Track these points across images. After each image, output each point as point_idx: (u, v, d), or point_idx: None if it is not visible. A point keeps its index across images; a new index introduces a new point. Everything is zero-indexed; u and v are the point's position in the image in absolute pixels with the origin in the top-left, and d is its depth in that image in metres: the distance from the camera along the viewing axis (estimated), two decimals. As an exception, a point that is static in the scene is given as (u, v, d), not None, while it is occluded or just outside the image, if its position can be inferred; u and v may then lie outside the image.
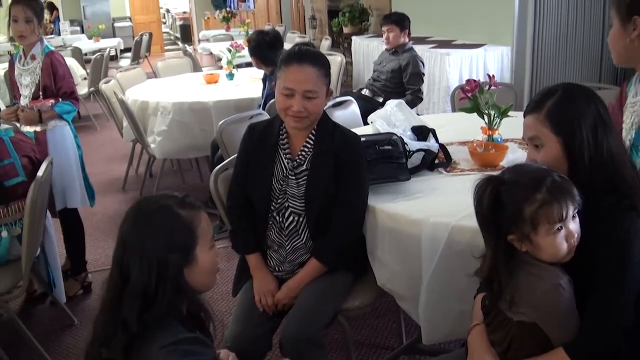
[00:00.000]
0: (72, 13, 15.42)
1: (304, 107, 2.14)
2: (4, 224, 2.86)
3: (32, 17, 3.29)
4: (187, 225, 1.44)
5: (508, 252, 1.52)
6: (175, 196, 1.49)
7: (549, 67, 5.60)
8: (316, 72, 2.16)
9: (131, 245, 1.41)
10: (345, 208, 2.20)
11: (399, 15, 5.08)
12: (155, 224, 1.42)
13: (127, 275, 1.39)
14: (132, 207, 1.48)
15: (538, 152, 1.62)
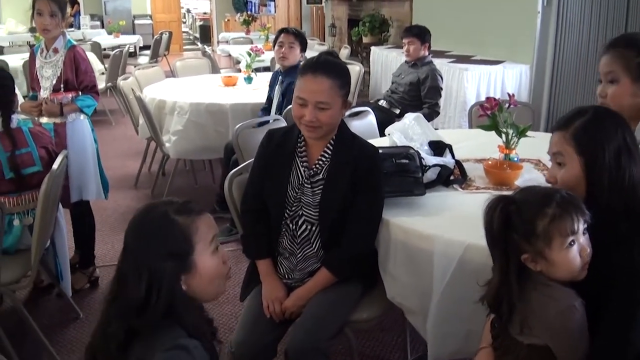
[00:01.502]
0: (93, 8, 15.52)
1: (316, 117, 2.13)
2: (16, 212, 2.88)
3: (57, 11, 3.31)
4: (183, 231, 1.42)
5: (520, 274, 1.52)
6: (174, 202, 1.47)
7: (569, 87, 5.59)
8: (330, 83, 2.14)
9: (128, 251, 1.42)
10: (359, 220, 2.19)
11: (421, 29, 5.08)
12: (150, 231, 1.41)
13: (124, 280, 1.39)
14: (136, 212, 1.47)
15: (559, 170, 1.62)
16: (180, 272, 1.40)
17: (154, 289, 1.35)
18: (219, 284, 1.51)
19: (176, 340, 1.35)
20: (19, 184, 2.88)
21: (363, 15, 10.15)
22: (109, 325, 1.37)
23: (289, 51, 4.21)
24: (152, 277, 1.36)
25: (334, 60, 2.26)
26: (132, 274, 1.37)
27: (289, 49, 4.21)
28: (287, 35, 4.25)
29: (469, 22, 6.97)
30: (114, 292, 1.40)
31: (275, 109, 4.23)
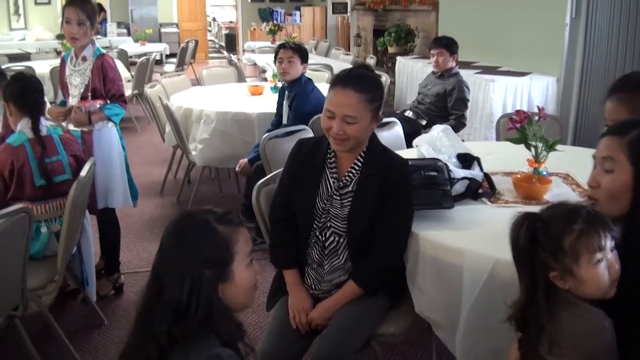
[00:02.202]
0: (120, 16, 15.69)
1: (343, 130, 2.12)
2: (44, 220, 2.90)
3: (85, 20, 3.32)
4: (224, 241, 1.43)
5: (548, 292, 1.50)
6: (215, 212, 1.48)
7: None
8: (358, 97, 2.12)
9: (168, 257, 1.42)
10: (388, 232, 2.18)
11: (449, 40, 5.06)
12: (192, 239, 1.42)
13: (162, 287, 1.39)
14: (174, 219, 1.48)
15: (604, 177, 1.60)
16: (218, 281, 1.41)
17: (193, 296, 1.36)
18: (250, 296, 1.52)
19: (211, 350, 1.35)
20: (47, 192, 2.91)
21: (389, 26, 10.16)
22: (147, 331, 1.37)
23: (289, 66, 4.22)
24: (193, 283, 1.37)
25: (365, 73, 2.24)
26: (172, 281, 1.38)
27: (289, 64, 4.21)
28: (285, 50, 4.26)
29: (495, 32, 6.94)
30: (151, 298, 1.40)
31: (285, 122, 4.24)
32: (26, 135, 2.89)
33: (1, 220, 2.26)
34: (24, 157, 2.83)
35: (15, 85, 3.00)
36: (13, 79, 3.06)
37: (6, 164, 2.80)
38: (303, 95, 4.15)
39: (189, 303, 1.36)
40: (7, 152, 2.84)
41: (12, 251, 2.41)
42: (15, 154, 2.82)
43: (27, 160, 2.84)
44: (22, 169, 2.82)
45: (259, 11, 16.54)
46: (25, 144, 2.86)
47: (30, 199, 2.83)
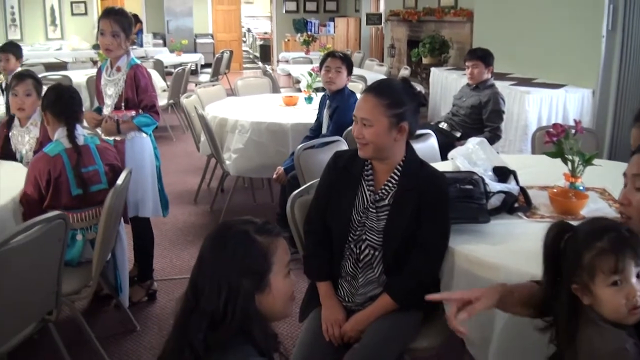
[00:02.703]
0: (156, 26, 15.92)
1: (362, 133, 2.18)
2: (80, 228, 2.94)
3: (119, 31, 3.35)
4: (263, 251, 1.44)
5: (571, 305, 1.48)
6: (254, 222, 1.49)
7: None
8: (375, 102, 2.17)
9: (206, 266, 1.43)
10: (424, 248, 2.16)
11: (484, 51, 5.02)
12: (231, 248, 1.43)
13: (200, 295, 1.40)
14: (214, 229, 1.49)
15: (635, 194, 1.58)
16: (255, 290, 1.42)
17: (230, 305, 1.37)
18: (287, 306, 1.52)
19: (247, 359, 1.37)
20: (84, 201, 2.94)
21: (423, 37, 10.13)
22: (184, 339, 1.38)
23: (336, 76, 4.22)
24: (230, 292, 1.38)
25: (393, 82, 2.30)
26: (210, 289, 1.39)
27: (337, 74, 4.21)
28: (334, 59, 4.25)
29: (530, 44, 6.88)
30: (189, 306, 1.41)
31: (324, 132, 4.24)
32: (63, 145, 2.93)
33: (38, 227, 2.29)
34: (61, 166, 2.87)
35: (51, 94, 3.06)
36: (50, 89, 3.12)
37: (43, 173, 2.84)
38: (344, 107, 4.13)
39: (225, 312, 1.37)
40: (43, 161, 2.87)
41: (48, 257, 2.44)
42: (53, 164, 2.86)
43: (63, 169, 2.87)
44: (59, 179, 2.86)
45: (293, 22, 16.65)
46: (62, 154, 2.89)
47: (66, 207, 2.86)
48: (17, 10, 15.39)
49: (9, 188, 2.90)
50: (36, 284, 2.44)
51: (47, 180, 2.84)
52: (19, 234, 2.19)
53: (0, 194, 2.83)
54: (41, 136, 3.42)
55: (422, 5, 10.88)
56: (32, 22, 15.53)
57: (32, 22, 15.52)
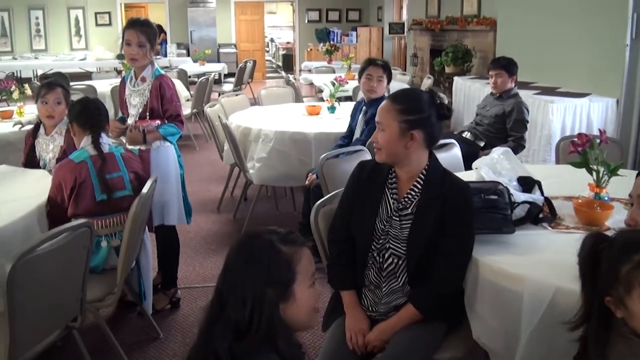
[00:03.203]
0: (180, 37, 16.11)
1: (376, 137, 2.23)
2: (104, 234, 2.97)
3: (145, 42, 3.38)
4: (287, 260, 1.44)
5: (603, 317, 1.46)
6: (278, 232, 1.50)
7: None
8: (390, 106, 2.23)
9: (231, 276, 1.44)
10: (448, 257, 2.15)
11: (508, 60, 4.98)
12: (255, 257, 1.44)
13: (225, 304, 1.41)
14: (239, 238, 1.50)
15: None
16: (280, 300, 1.42)
17: (255, 315, 1.38)
18: (312, 317, 1.52)
19: None
20: (108, 207, 2.98)
21: (446, 46, 10.11)
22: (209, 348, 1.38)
23: (377, 84, 4.20)
24: (255, 302, 1.38)
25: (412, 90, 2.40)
26: (235, 299, 1.39)
27: (378, 82, 4.19)
28: (376, 68, 4.22)
29: (554, 52, 6.84)
30: (214, 316, 1.42)
31: (358, 136, 4.23)
32: (88, 152, 2.98)
33: (64, 234, 2.31)
34: (86, 172, 2.91)
35: (77, 107, 3.13)
36: (76, 102, 3.19)
37: (68, 179, 2.89)
38: None
39: (250, 321, 1.37)
40: (69, 167, 2.92)
41: (73, 264, 2.47)
42: (78, 170, 2.91)
43: (88, 175, 2.92)
44: (84, 184, 2.90)
45: (316, 32, 16.73)
46: (87, 160, 2.94)
47: (91, 213, 2.90)
48: (41, 21, 15.74)
49: (34, 195, 2.95)
50: (61, 291, 2.46)
51: (72, 187, 2.88)
52: (45, 242, 2.22)
53: (26, 201, 2.87)
54: (65, 144, 3.48)
55: (444, 14, 10.87)
56: (57, 32, 15.86)
57: (56, 32, 15.85)
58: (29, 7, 15.70)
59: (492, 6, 8.89)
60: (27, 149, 3.71)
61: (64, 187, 2.89)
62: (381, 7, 15.61)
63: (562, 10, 6.68)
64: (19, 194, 3.04)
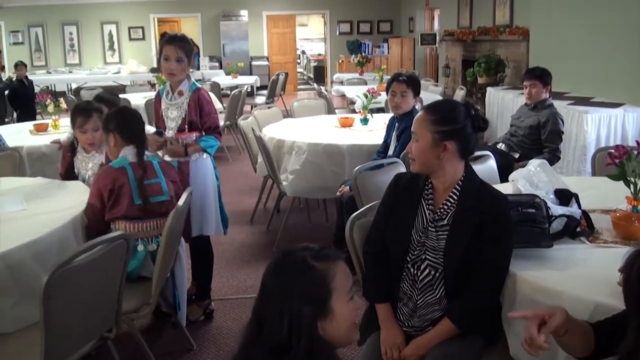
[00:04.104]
0: (212, 50, 16.30)
1: (411, 147, 2.23)
2: (140, 239, 3.01)
3: (183, 57, 3.43)
4: (321, 277, 1.43)
5: None
6: (311, 247, 1.49)
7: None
8: (424, 117, 2.22)
9: (268, 295, 1.44)
10: (485, 270, 2.13)
11: (542, 71, 4.93)
12: (290, 276, 1.43)
13: (262, 324, 1.40)
14: (274, 257, 1.49)
15: None
16: (318, 318, 1.41)
17: (294, 334, 1.37)
18: (353, 332, 1.50)
19: None
20: (145, 211, 3.01)
21: (478, 56, 10.06)
22: None
23: (401, 100, 4.17)
24: (292, 321, 1.37)
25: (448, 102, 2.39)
26: (272, 318, 1.39)
27: (402, 98, 4.16)
28: (399, 84, 4.19)
29: (587, 62, 6.77)
30: (252, 336, 1.42)
31: (391, 153, 4.20)
32: (127, 159, 3.02)
33: (101, 246, 2.34)
34: (125, 176, 2.96)
35: (120, 117, 3.15)
36: (118, 112, 3.20)
37: (107, 183, 2.93)
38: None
39: (289, 341, 1.36)
40: (108, 172, 2.98)
41: (109, 275, 2.49)
42: (117, 174, 2.95)
43: (127, 179, 2.96)
44: (122, 188, 2.94)
45: (347, 43, 16.78)
46: (126, 166, 2.99)
47: (128, 217, 2.95)
48: (75, 36, 16.12)
49: (70, 207, 3.00)
50: (97, 302, 2.48)
51: (111, 190, 2.93)
52: (82, 254, 2.24)
53: (62, 213, 2.91)
54: (106, 162, 3.52)
55: (476, 24, 10.83)
56: (91, 47, 16.22)
57: (90, 47, 16.21)
58: (62, 23, 16.10)
59: (524, 16, 8.84)
60: (65, 164, 3.77)
61: (103, 191, 2.93)
62: (412, 18, 15.60)
63: (595, 19, 6.61)
64: (54, 206, 3.09)
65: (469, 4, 11.39)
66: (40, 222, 2.80)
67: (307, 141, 4.67)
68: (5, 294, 2.43)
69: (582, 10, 6.96)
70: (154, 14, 16.45)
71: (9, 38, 16.07)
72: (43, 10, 15.75)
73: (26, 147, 4.98)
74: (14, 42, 15.83)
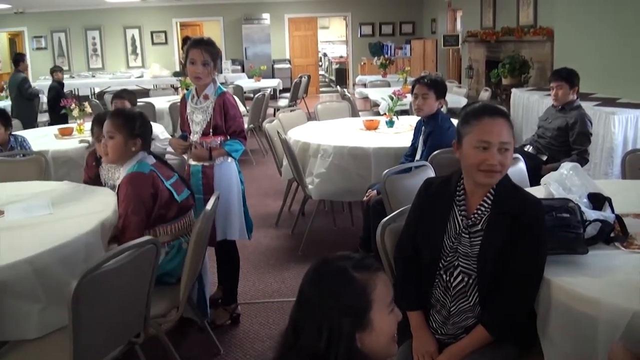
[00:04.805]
0: (235, 53, 16.38)
1: (498, 160, 2.09)
2: (182, 236, 3.05)
3: (209, 60, 3.43)
4: (362, 288, 1.40)
5: None
6: (352, 257, 1.46)
7: None
8: (508, 124, 2.13)
9: (305, 305, 1.41)
10: (519, 276, 2.09)
11: (569, 72, 4.86)
12: (329, 286, 1.40)
13: (299, 334, 1.38)
14: (312, 265, 1.47)
15: None
16: (357, 329, 1.38)
17: (332, 345, 1.34)
18: (391, 345, 1.47)
19: None
20: (179, 209, 3.04)
21: (502, 57, 9.97)
22: None
23: (423, 102, 4.13)
24: (330, 332, 1.35)
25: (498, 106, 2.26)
26: (309, 329, 1.36)
27: (423, 100, 4.12)
28: (420, 86, 4.16)
29: (613, 62, 6.68)
30: (288, 346, 1.40)
31: (419, 157, 4.17)
32: (148, 162, 3.01)
33: (130, 251, 2.34)
34: (158, 179, 2.96)
35: (145, 123, 3.12)
36: (139, 117, 3.11)
37: (146, 190, 2.90)
38: (438, 133, 4.04)
39: (327, 351, 1.34)
40: (142, 179, 2.92)
41: (138, 281, 2.50)
42: (151, 179, 2.93)
43: (161, 182, 2.96)
44: (161, 192, 2.94)
45: (369, 46, 16.76)
46: (153, 169, 2.98)
47: (170, 218, 2.98)
48: (98, 40, 16.33)
49: (97, 212, 3.00)
50: (126, 307, 2.49)
51: (152, 194, 2.91)
52: (111, 258, 2.25)
53: (88, 217, 2.91)
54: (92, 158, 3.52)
55: (500, 25, 10.74)
56: (114, 51, 16.41)
57: (113, 51, 16.40)
58: (85, 28, 16.31)
59: (548, 16, 8.75)
60: (90, 173, 3.79)
61: (145, 200, 2.90)
62: (435, 20, 15.52)
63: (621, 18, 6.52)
64: (81, 210, 3.09)
65: (492, 5, 11.30)
66: (66, 226, 2.82)
67: (333, 144, 4.66)
68: (32, 298, 2.44)
69: (607, 9, 6.88)
70: (176, 18, 16.57)
71: (32, 43, 16.31)
72: (66, 15, 15.97)
73: (51, 151, 5.03)
74: (37, 47, 16.03)
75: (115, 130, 2.99)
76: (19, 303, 2.40)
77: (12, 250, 2.52)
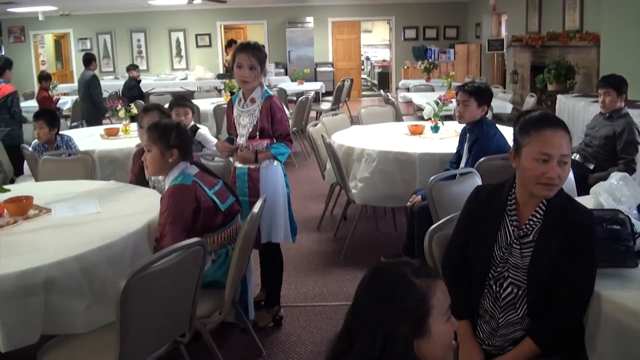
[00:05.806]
0: (278, 56, 16.47)
1: (557, 173, 2.05)
2: (229, 243, 3.06)
3: (256, 64, 3.47)
4: (421, 294, 1.39)
5: None
6: (411, 263, 1.45)
7: None
8: (567, 136, 2.08)
9: (362, 309, 1.40)
10: (571, 289, 2.06)
11: (617, 79, 4.76)
12: (387, 292, 1.39)
13: (354, 339, 1.38)
14: (368, 271, 1.46)
15: None
16: (414, 336, 1.37)
17: (387, 351, 1.33)
18: (448, 353, 1.46)
19: None
20: (225, 217, 3.04)
21: (547, 62, 9.83)
22: None
23: (464, 109, 4.09)
24: (387, 338, 1.34)
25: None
26: (365, 333, 1.36)
27: (464, 107, 4.08)
28: (462, 93, 4.13)
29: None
30: (342, 351, 1.40)
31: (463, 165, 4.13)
32: (191, 173, 2.99)
33: (178, 252, 2.37)
34: (201, 191, 2.95)
35: (183, 133, 3.09)
36: (178, 128, 3.09)
37: (189, 203, 2.89)
38: (483, 140, 4.00)
39: (382, 358, 1.33)
40: (184, 192, 2.90)
41: (185, 281, 2.53)
42: (194, 191, 2.92)
43: (204, 193, 2.96)
44: (205, 203, 2.93)
45: (412, 49, 16.69)
46: (196, 180, 2.96)
47: (216, 227, 2.98)
48: (143, 43, 16.61)
49: (144, 212, 3.06)
50: (172, 307, 2.52)
51: (195, 208, 2.90)
52: (160, 259, 2.28)
53: (135, 217, 2.97)
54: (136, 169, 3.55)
55: (545, 29, 10.59)
56: (158, 54, 16.68)
57: (158, 53, 16.67)
58: (130, 30, 16.60)
59: (595, 21, 8.60)
60: (135, 170, 3.84)
61: (187, 215, 2.87)
62: (479, 24, 15.38)
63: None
64: (128, 210, 3.15)
65: (537, 9, 11.14)
66: (114, 225, 2.87)
67: (377, 149, 4.64)
68: (79, 296, 2.50)
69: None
70: (220, 21, 16.74)
71: (77, 45, 16.66)
72: (112, 17, 16.29)
73: (97, 150, 5.12)
74: (82, 49, 16.34)
75: (152, 143, 3.00)
76: (66, 299, 2.46)
77: (61, 248, 2.58)
